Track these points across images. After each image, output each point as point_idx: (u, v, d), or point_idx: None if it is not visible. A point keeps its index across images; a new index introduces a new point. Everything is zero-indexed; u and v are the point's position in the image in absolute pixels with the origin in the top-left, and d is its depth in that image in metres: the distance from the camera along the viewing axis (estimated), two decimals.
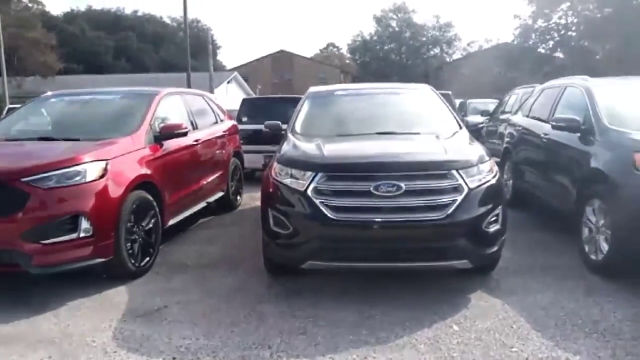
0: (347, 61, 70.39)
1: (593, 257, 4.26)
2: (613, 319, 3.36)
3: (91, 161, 3.98)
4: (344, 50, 71.30)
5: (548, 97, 6.20)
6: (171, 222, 5.13)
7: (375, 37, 62.19)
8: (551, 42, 34.42)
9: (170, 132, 5.06)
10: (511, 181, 6.86)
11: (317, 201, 3.55)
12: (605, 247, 4.08)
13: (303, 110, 5.16)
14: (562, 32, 33.65)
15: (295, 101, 5.78)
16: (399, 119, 4.87)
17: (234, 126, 7.45)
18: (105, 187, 3.97)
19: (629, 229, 3.76)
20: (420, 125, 4.66)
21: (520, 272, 4.26)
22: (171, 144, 5.15)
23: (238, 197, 7.34)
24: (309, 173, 3.66)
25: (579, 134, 4.77)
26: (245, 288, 4.04)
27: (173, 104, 5.82)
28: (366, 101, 5.33)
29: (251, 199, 7.43)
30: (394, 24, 60.90)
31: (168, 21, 63.72)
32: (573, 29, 33.15)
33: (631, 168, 3.83)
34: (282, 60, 56.15)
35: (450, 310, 3.52)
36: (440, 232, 3.50)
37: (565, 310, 3.49)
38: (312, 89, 5.71)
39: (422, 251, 3.60)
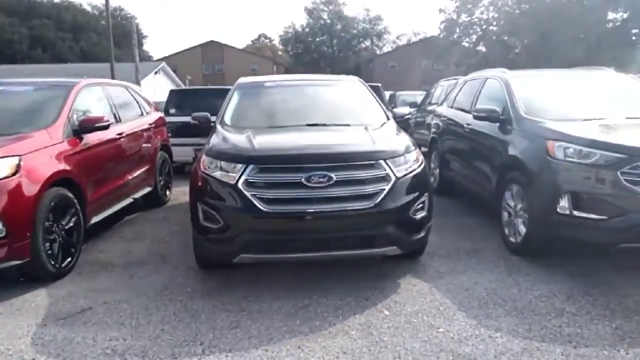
0: (280, 52, 70.05)
1: (512, 239, 4.53)
2: (530, 296, 3.59)
3: (2, 157, 3.69)
4: (276, 41, 70.85)
5: (470, 89, 6.49)
6: (94, 220, 4.88)
7: (307, 29, 62.36)
8: (474, 36, 36.14)
9: (90, 125, 4.79)
10: (438, 170, 7.14)
11: (248, 194, 3.51)
12: (522, 229, 4.35)
13: (232, 102, 5.07)
14: (484, 26, 35.39)
15: (224, 92, 5.66)
16: (328, 110, 4.91)
17: (160, 118, 7.19)
18: (19, 185, 3.70)
19: (543, 212, 4.03)
20: (349, 117, 4.72)
21: (446, 256, 4.45)
22: (92, 138, 4.88)
23: (167, 192, 7.11)
24: (239, 165, 3.61)
25: (498, 124, 5.03)
26: (175, 285, 3.93)
27: (93, 95, 5.52)
28: (296, 93, 5.32)
29: (182, 193, 7.22)
30: (325, 16, 61.36)
31: (88, 9, 60.19)
32: (494, 24, 34.93)
33: (545, 155, 4.09)
34: (212, 51, 54.94)
35: (381, 295, 3.62)
36: (370, 220, 3.57)
37: (487, 291, 3.69)
38: (242, 80, 5.62)
39: (353, 239, 3.65)
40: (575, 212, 3.82)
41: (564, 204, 3.87)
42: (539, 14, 28.48)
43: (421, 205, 3.81)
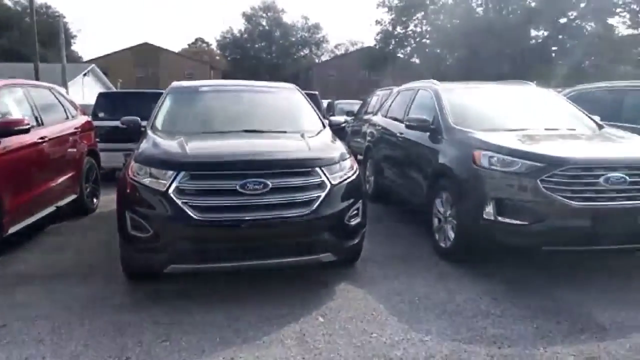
0: (217, 57, 69.00)
1: (442, 244, 4.69)
2: (459, 299, 3.72)
3: None
4: (214, 46, 69.75)
5: (403, 99, 6.70)
6: (13, 229, 4.56)
7: (245, 35, 61.92)
8: (409, 48, 37.40)
9: (8, 128, 4.49)
10: (373, 177, 7.28)
11: (179, 201, 3.40)
12: (452, 235, 4.51)
13: (164, 106, 4.92)
14: (418, 39, 36.73)
15: (157, 96, 5.49)
16: (265, 117, 4.87)
17: (88, 122, 6.84)
18: None
19: (470, 218, 4.20)
20: (286, 124, 4.70)
21: (380, 262, 4.53)
22: (11, 142, 4.57)
23: (94, 200, 6.76)
24: (170, 172, 3.49)
25: (429, 133, 5.21)
26: (101, 297, 3.73)
27: (13, 97, 5.18)
28: (232, 98, 5.25)
29: (111, 201, 6.86)
30: (264, 22, 61.20)
31: (10, 4, 56.39)
32: (427, 37, 36.35)
33: (471, 164, 4.27)
34: (146, 53, 53.14)
35: (316, 303, 3.62)
36: (306, 227, 3.57)
37: (418, 295, 3.79)
38: (175, 84, 5.48)
39: (289, 247, 3.64)
40: (500, 218, 4.01)
41: (489, 210, 4.05)
42: (469, 29, 29.95)
43: (356, 211, 3.86)
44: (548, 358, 2.90)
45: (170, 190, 3.43)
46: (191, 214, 3.38)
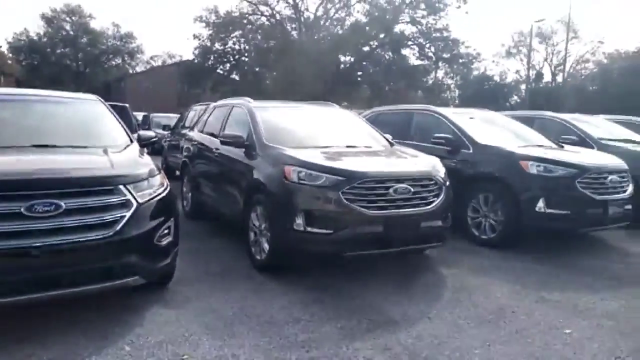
0: (9, 62, 60.06)
1: (258, 257, 4.80)
2: (272, 309, 3.84)
3: None
4: (4, 48, 60.59)
5: (219, 115, 6.72)
6: None
7: (45, 39, 55.11)
8: (228, 65, 37.70)
9: None
10: (190, 193, 7.11)
11: None
12: (266, 247, 4.66)
13: None
14: (237, 56, 37.29)
15: None
16: (60, 130, 4.38)
17: None
18: None
19: (283, 229, 4.39)
20: (86, 138, 4.30)
21: (196, 280, 4.44)
22: None
23: None
24: None
25: (244, 149, 5.32)
26: None
27: None
28: (20, 109, 4.59)
29: None
30: (67, 27, 55.33)
31: None
32: (246, 55, 37.14)
33: (282, 178, 4.48)
34: None
35: (123, 331, 3.37)
36: (109, 250, 3.30)
37: (234, 310, 3.81)
38: None
39: (90, 273, 3.32)
40: (309, 228, 4.28)
41: (299, 221, 4.29)
42: (285, 51, 31.54)
43: (167, 230, 3.72)
44: (350, 355, 3.17)
45: None
46: None
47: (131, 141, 4.52)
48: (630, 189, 6.09)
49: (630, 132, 8.71)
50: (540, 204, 5.60)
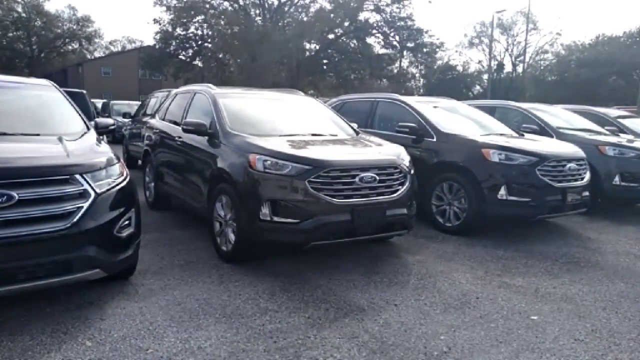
0: None
1: (224, 248, 4.72)
2: (239, 300, 3.79)
3: None
4: None
5: (181, 102, 6.53)
6: None
7: None
8: (190, 51, 36.84)
9: None
10: (152, 183, 6.92)
11: None
12: (232, 237, 4.58)
13: None
14: (200, 42, 36.47)
15: None
16: (11, 117, 4.15)
17: None
18: None
19: (249, 219, 4.32)
20: (39, 126, 4.09)
21: (160, 272, 4.33)
22: None
23: None
24: None
25: (207, 137, 5.19)
26: None
27: None
28: None
29: None
30: (19, 8, 52.73)
31: None
32: (209, 40, 36.37)
33: (248, 167, 4.40)
34: None
35: (83, 326, 3.25)
36: (66, 243, 3.16)
37: (199, 302, 3.73)
38: None
39: (46, 267, 3.16)
40: (275, 218, 4.23)
41: (265, 211, 4.23)
42: (249, 37, 31.05)
43: (127, 221, 3.59)
44: (318, 344, 3.16)
45: None
46: None
47: (88, 129, 4.33)
48: (587, 176, 6.31)
49: (587, 121, 9.01)
50: (502, 192, 5.73)
